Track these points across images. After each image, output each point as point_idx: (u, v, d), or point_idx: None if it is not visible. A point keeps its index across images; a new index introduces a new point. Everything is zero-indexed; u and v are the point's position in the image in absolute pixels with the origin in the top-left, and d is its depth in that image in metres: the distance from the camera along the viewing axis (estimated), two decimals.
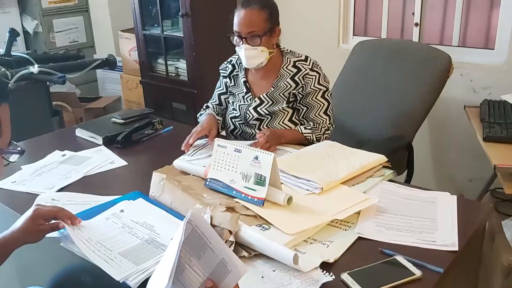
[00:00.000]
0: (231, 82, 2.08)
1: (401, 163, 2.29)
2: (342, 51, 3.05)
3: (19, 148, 1.13)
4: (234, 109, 2.06)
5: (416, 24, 2.95)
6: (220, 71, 2.12)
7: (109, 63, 3.62)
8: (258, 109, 1.98)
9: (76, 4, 4.37)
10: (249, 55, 1.87)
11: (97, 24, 4.45)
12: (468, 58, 2.74)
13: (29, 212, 1.23)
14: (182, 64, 3.52)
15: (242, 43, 1.87)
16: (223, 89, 2.11)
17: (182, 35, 3.35)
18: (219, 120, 2.07)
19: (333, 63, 2.71)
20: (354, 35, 3.19)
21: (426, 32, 2.96)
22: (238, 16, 1.86)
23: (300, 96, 1.95)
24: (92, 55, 4.31)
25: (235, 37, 1.89)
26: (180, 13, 3.26)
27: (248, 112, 2.00)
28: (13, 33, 3.39)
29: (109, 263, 1.17)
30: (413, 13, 2.95)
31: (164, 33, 3.50)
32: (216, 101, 2.14)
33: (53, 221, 1.26)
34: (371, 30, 3.18)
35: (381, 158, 1.64)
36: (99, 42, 4.51)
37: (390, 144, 2.18)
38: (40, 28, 4.16)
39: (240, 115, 2.03)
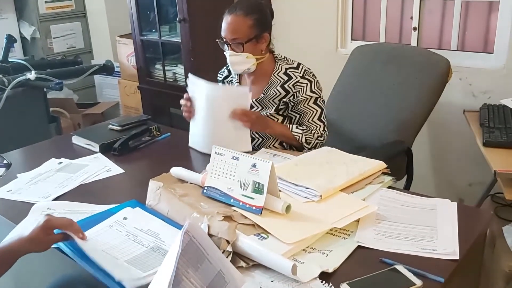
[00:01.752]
0: None
1: (401, 168, 2.28)
2: (340, 56, 3.04)
3: (5, 161, 1.11)
4: None
5: (415, 29, 2.94)
6: (218, 75, 2.14)
7: (107, 69, 3.61)
8: None
9: (73, 10, 4.37)
10: (233, 61, 1.88)
11: (94, 30, 4.44)
12: (467, 62, 2.73)
13: (40, 221, 1.21)
14: (180, 70, 3.51)
15: (228, 49, 1.87)
16: None
17: (180, 41, 3.34)
18: None
19: (331, 68, 2.71)
20: (352, 39, 3.19)
21: (425, 36, 2.95)
22: (225, 22, 1.87)
23: (292, 104, 1.94)
24: (89, 60, 4.31)
25: (223, 43, 1.89)
26: (177, 19, 3.25)
27: None
28: (10, 39, 3.39)
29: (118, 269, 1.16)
30: (411, 17, 2.94)
31: (162, 38, 3.49)
32: None
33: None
34: (369, 35, 3.18)
35: (381, 165, 1.63)
36: (96, 48, 4.50)
37: (389, 149, 2.17)
38: (38, 34, 4.15)
39: None
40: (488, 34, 2.75)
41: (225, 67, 2.11)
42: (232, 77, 2.06)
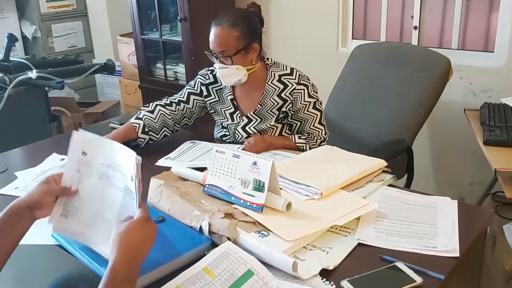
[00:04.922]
0: (210, 95, 2.00)
1: (401, 167, 2.28)
2: (341, 55, 3.04)
3: None
4: (223, 128, 2.03)
5: (415, 27, 2.94)
6: (199, 76, 2.03)
7: (108, 68, 3.62)
8: (247, 128, 1.95)
9: (74, 9, 4.37)
10: (222, 74, 1.84)
11: (95, 29, 4.45)
12: (468, 61, 2.73)
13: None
14: (181, 69, 3.52)
15: (217, 61, 1.83)
16: (197, 91, 2.02)
17: (181, 40, 3.35)
18: (153, 134, 1.99)
19: (332, 67, 2.71)
20: (353, 38, 3.19)
21: (425, 35, 2.95)
22: (212, 34, 1.81)
23: (292, 112, 1.91)
24: (91, 59, 4.31)
25: (212, 55, 1.85)
26: (178, 18, 3.26)
27: (237, 132, 1.97)
28: (12, 38, 3.40)
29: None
30: (412, 16, 2.94)
31: (163, 37, 3.50)
32: (183, 97, 2.03)
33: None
34: (370, 34, 3.18)
35: (381, 163, 1.63)
36: (98, 47, 4.50)
37: (389, 148, 2.18)
38: (39, 33, 4.16)
39: (230, 135, 2.01)
40: (488, 33, 2.75)
41: (208, 71, 2.01)
42: (221, 86, 1.98)
